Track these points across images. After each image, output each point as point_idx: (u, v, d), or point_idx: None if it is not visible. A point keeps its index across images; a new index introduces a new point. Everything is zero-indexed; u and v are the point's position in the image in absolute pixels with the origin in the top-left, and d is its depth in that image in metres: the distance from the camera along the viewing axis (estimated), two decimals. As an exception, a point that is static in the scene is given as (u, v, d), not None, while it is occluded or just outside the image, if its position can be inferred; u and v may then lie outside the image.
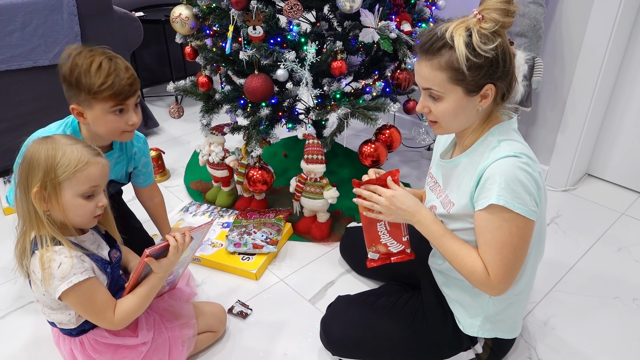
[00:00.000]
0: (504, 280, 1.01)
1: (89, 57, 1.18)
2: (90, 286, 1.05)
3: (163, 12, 2.96)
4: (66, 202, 1.04)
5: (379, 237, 1.22)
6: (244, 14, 1.51)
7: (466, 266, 1.05)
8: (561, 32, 1.93)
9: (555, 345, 1.38)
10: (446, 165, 1.16)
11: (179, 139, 2.65)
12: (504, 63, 0.98)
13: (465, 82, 0.98)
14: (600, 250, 1.77)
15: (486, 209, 0.99)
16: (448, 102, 1.02)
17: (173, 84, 1.92)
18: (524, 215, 0.97)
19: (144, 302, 1.13)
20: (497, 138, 1.04)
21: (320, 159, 1.69)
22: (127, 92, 1.22)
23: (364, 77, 1.88)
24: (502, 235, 0.99)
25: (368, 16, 1.53)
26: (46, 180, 1.01)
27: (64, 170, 1.01)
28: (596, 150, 2.18)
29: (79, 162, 1.03)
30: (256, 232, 1.73)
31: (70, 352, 1.17)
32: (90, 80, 1.17)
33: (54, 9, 2.04)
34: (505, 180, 0.96)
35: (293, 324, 1.45)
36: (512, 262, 1.00)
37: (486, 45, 0.95)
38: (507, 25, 0.96)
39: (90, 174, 1.04)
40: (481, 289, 1.05)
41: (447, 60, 0.97)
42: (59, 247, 1.04)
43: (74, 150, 1.03)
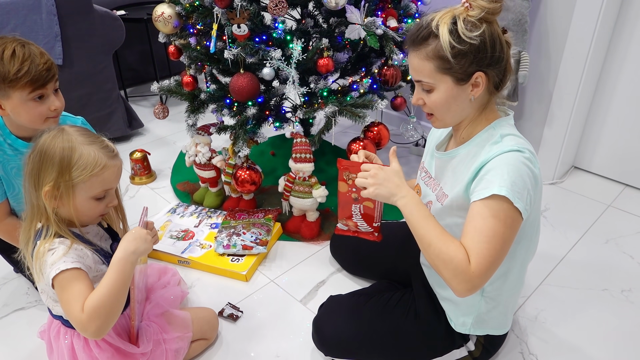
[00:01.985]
0: (484, 271, 0.93)
1: (0, 44, 1.16)
2: (74, 275, 0.99)
3: (145, 10, 2.91)
4: (77, 204, 1.03)
5: (352, 215, 1.25)
6: (227, 12, 1.49)
7: (447, 251, 0.95)
8: (546, 26, 1.93)
9: (546, 339, 1.39)
10: (442, 157, 1.15)
11: (164, 140, 2.61)
12: (492, 49, 0.97)
13: (453, 71, 0.98)
14: (588, 242, 1.79)
15: (486, 198, 0.95)
16: (439, 93, 1.02)
17: (157, 84, 1.89)
18: (520, 211, 0.95)
19: (113, 292, 0.97)
20: (499, 132, 1.03)
21: (309, 157, 1.67)
22: (45, 77, 1.19)
23: (351, 74, 1.86)
24: (496, 225, 0.94)
25: (354, 12, 1.51)
26: (60, 181, 1.00)
27: (79, 173, 0.99)
28: (582, 142, 2.20)
29: (96, 165, 1.00)
30: (245, 233, 1.71)
31: (70, 346, 1.13)
32: (4, 69, 1.15)
33: (32, 9, 1.99)
34: (509, 172, 0.95)
35: (285, 325, 1.44)
36: (498, 255, 0.94)
37: (471, 32, 0.95)
38: (495, 12, 0.96)
39: (105, 179, 1.03)
40: (454, 280, 0.94)
41: (433, 49, 0.98)
42: (62, 239, 1.02)
43: (91, 152, 1.01)
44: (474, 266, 0.93)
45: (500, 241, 0.94)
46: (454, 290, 0.96)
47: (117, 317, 1.01)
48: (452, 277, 0.95)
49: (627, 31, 1.88)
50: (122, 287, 0.99)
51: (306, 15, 1.72)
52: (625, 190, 2.10)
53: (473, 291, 0.95)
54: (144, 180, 2.20)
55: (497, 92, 1.05)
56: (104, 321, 0.97)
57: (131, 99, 3.10)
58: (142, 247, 1.03)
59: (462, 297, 0.96)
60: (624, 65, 1.94)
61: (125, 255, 1.00)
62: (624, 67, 1.94)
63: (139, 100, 3.11)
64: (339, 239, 1.64)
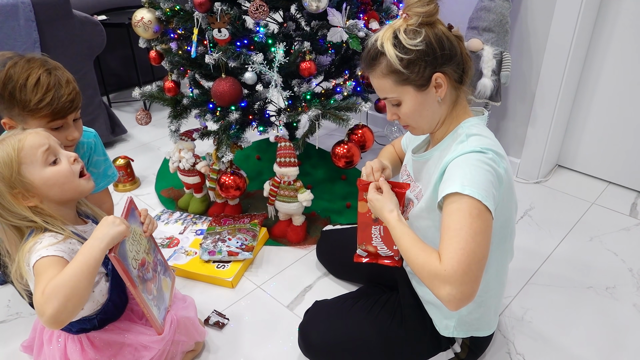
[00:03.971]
0: (459, 269, 0.87)
1: (25, 69, 1.10)
2: (52, 262, 0.94)
3: (126, 14, 2.88)
4: (41, 181, 0.99)
5: (372, 239, 1.24)
6: (208, 16, 1.47)
7: (418, 260, 0.94)
8: (527, 26, 1.95)
9: (533, 338, 1.40)
10: (418, 159, 1.17)
11: (148, 145, 2.59)
12: (441, 49, 0.99)
13: (411, 80, 1.01)
14: (573, 240, 1.80)
15: (446, 198, 0.94)
16: (407, 103, 1.05)
17: (139, 90, 1.86)
18: (483, 203, 0.91)
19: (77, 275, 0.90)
20: (465, 132, 1.03)
21: (293, 161, 1.66)
22: (67, 109, 1.14)
23: (335, 76, 1.86)
24: (461, 217, 0.90)
25: (335, 15, 1.51)
26: (7, 181, 0.97)
27: (10, 162, 0.97)
28: (565, 141, 2.21)
29: (14, 144, 0.98)
30: (231, 239, 1.70)
31: (62, 349, 1.10)
32: (25, 97, 1.09)
33: (9, 15, 1.95)
34: (469, 171, 0.94)
35: (272, 332, 1.43)
36: (471, 248, 0.88)
37: (414, 40, 0.98)
38: (431, 13, 0.98)
39: (31, 144, 0.99)
40: (433, 287, 0.91)
41: (385, 66, 1.02)
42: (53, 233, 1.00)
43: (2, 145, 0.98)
44: (445, 264, 0.88)
45: (470, 233, 0.89)
46: (444, 303, 0.90)
47: (78, 306, 0.92)
48: (431, 285, 0.92)
49: (606, 29, 1.90)
50: (85, 272, 0.91)
51: (288, 19, 1.71)
52: (608, 187, 2.12)
53: (461, 297, 0.88)
54: (127, 187, 2.17)
55: (463, 86, 1.06)
56: (61, 304, 0.88)
57: (114, 105, 3.06)
58: (110, 232, 0.96)
59: (452, 309, 0.90)
60: (604, 63, 1.96)
61: (91, 239, 0.96)
62: (605, 65, 1.96)
63: (123, 106, 3.08)
64: (325, 242, 1.63)
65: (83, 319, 1.08)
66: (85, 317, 1.08)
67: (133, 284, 1.01)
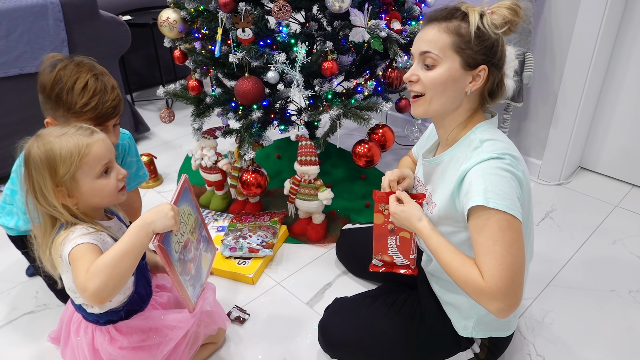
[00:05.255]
0: (502, 284, 0.90)
1: (74, 73, 1.13)
2: (89, 248, 0.98)
3: (151, 15, 2.93)
4: (88, 189, 1.03)
5: (387, 248, 1.24)
6: (232, 16, 1.50)
7: (460, 276, 0.96)
8: (550, 27, 1.93)
9: (554, 340, 1.39)
10: (428, 163, 1.16)
11: (170, 143, 2.63)
12: (501, 54, 1.03)
13: (466, 53, 1.00)
14: (595, 243, 1.78)
15: (472, 212, 0.95)
16: (441, 70, 1.01)
17: (163, 89, 1.90)
18: (510, 213, 0.92)
19: (121, 255, 0.94)
20: (479, 137, 1.03)
21: (314, 160, 1.68)
22: (110, 115, 1.18)
23: (355, 76, 1.87)
24: (491, 231, 0.92)
25: (358, 15, 1.52)
26: (57, 180, 1.00)
27: (69, 163, 0.99)
28: (588, 143, 2.19)
29: (80, 147, 1.00)
30: (252, 236, 1.72)
31: (90, 342, 1.13)
32: (72, 99, 1.12)
33: (39, 15, 2.01)
34: (490, 182, 0.94)
35: (291, 328, 1.44)
36: (509, 261, 0.91)
37: (494, 28, 0.99)
38: (513, 24, 1.00)
39: (96, 154, 1.02)
40: (481, 302, 0.94)
41: (456, 25, 1.00)
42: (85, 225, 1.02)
43: (69, 140, 1.00)
44: (488, 281, 0.91)
45: (503, 247, 0.92)
46: (492, 313, 0.94)
47: (119, 285, 0.96)
48: (478, 300, 0.95)
49: (632, 30, 1.87)
50: (130, 252, 0.95)
51: (310, 19, 1.72)
52: (632, 190, 2.09)
53: (509, 308, 0.92)
54: (150, 184, 2.21)
55: (489, 101, 1.07)
56: (105, 281, 0.92)
57: (137, 103, 3.12)
58: (160, 221, 0.98)
59: (502, 317, 0.93)
60: (629, 64, 1.93)
61: (141, 222, 0.98)
62: (630, 66, 1.93)
63: (145, 105, 3.13)
64: (344, 241, 1.64)
65: (110, 311, 1.11)
66: (112, 310, 1.11)
67: (172, 270, 1.03)
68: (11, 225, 1.40)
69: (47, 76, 1.14)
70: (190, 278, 1.13)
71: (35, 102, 2.07)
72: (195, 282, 1.16)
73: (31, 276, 1.65)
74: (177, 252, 1.07)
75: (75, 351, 1.16)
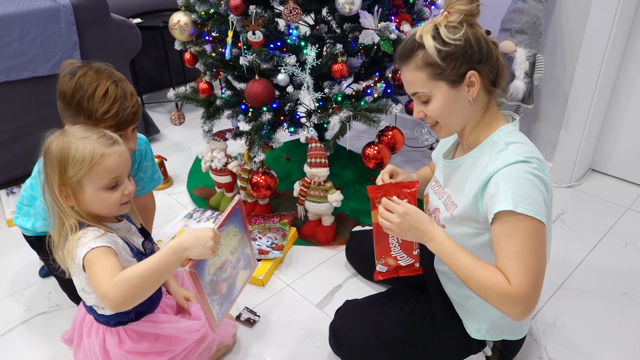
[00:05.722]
0: (529, 289, 0.92)
1: (95, 80, 1.14)
2: (105, 252, 0.99)
3: (161, 18, 2.95)
4: (89, 197, 1.02)
5: (390, 249, 1.21)
6: (242, 19, 1.50)
7: (483, 282, 0.96)
8: (561, 28, 1.92)
9: (565, 344, 1.38)
10: (449, 165, 1.16)
11: (180, 145, 2.65)
12: (478, 47, 0.99)
13: (445, 75, 1.00)
14: (607, 246, 1.76)
15: (500, 217, 0.95)
16: (437, 100, 1.03)
17: (173, 91, 1.91)
18: (538, 219, 0.94)
19: (148, 274, 0.95)
20: (504, 140, 1.02)
21: (324, 162, 1.68)
22: (130, 121, 1.19)
23: (365, 78, 1.87)
24: (520, 238, 0.93)
25: (367, 18, 1.52)
26: (64, 179, 1.00)
27: (79, 168, 0.99)
28: (599, 145, 2.17)
29: (93, 156, 1.00)
30: (261, 238, 1.73)
31: (102, 343, 1.14)
32: (92, 106, 1.13)
33: (51, 19, 2.03)
34: (519, 186, 0.94)
35: (301, 330, 1.44)
36: (536, 267, 0.93)
37: (454, 34, 0.98)
38: (473, 13, 0.99)
39: (108, 166, 1.02)
40: (504, 307, 0.95)
41: (421, 58, 1.01)
42: (94, 228, 1.03)
43: (87, 144, 1.00)
44: (516, 287, 0.92)
45: (532, 252, 0.94)
46: (510, 317, 0.95)
47: (142, 299, 0.97)
48: (501, 305, 0.95)
49: (644, 32, 1.86)
50: (158, 272, 0.96)
51: (320, 21, 1.73)
52: (644, 192, 2.07)
53: (529, 311, 0.94)
54: (160, 185, 2.22)
55: (496, 90, 1.05)
56: (128, 295, 0.93)
57: (147, 106, 3.14)
58: (196, 249, 0.96)
59: (520, 320, 0.95)
60: (641, 66, 1.91)
61: (177, 245, 0.97)
62: (642, 68, 1.92)
63: (155, 107, 3.15)
64: (354, 243, 1.64)
65: (120, 313, 1.12)
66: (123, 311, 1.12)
67: (201, 295, 1.02)
68: (28, 226, 1.42)
69: (67, 84, 1.15)
70: (219, 297, 1.11)
71: (47, 104, 2.11)
72: (225, 300, 1.14)
73: (44, 277, 1.67)
74: (211, 274, 1.06)
75: (88, 352, 1.18)
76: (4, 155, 2.08)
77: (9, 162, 2.10)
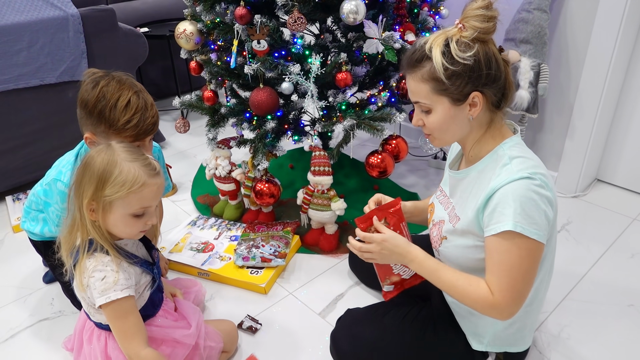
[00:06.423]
0: (511, 302, 0.97)
1: (117, 90, 1.16)
2: (127, 305, 1.05)
3: (167, 27, 2.98)
4: (115, 219, 1.03)
5: (391, 268, 1.24)
6: (248, 28, 1.52)
7: (468, 295, 1.01)
8: (566, 38, 1.92)
9: (570, 356, 1.36)
10: (454, 176, 1.16)
11: (185, 153, 2.66)
12: (487, 68, 0.97)
13: (449, 92, 0.99)
14: (612, 257, 1.75)
15: (499, 234, 0.96)
16: (437, 114, 1.03)
17: (179, 99, 1.93)
18: (536, 240, 0.95)
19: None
20: (508, 154, 1.01)
21: (327, 170, 1.68)
22: (149, 131, 1.20)
23: (369, 87, 1.88)
24: (511, 258, 0.96)
25: (372, 27, 1.53)
26: (98, 195, 1.01)
27: (117, 190, 1.00)
28: (605, 155, 2.16)
29: (135, 183, 1.01)
30: (264, 246, 1.73)
31: (103, 348, 1.15)
32: (114, 116, 1.14)
33: (60, 28, 2.06)
34: (520, 205, 0.94)
35: (303, 338, 1.44)
36: (521, 285, 0.97)
37: (464, 53, 0.96)
38: (489, 31, 0.97)
39: (144, 196, 1.03)
40: (489, 314, 1.01)
41: (427, 71, 0.99)
42: (108, 258, 1.04)
43: (131, 169, 1.01)
44: (498, 299, 0.98)
45: (520, 272, 0.96)
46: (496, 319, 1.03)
47: None
48: (486, 312, 1.01)
49: (649, 42, 1.85)
50: None
51: (325, 31, 1.74)
52: (650, 203, 2.05)
53: (512, 316, 1.00)
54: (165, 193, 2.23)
55: (500, 111, 1.04)
56: None
57: (153, 113, 3.16)
58: None
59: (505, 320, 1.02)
60: (647, 76, 1.91)
61: None
62: (647, 78, 1.91)
63: (161, 115, 3.15)
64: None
65: None
66: None
67: None
68: (36, 231, 1.43)
69: (90, 93, 1.16)
70: None
71: (54, 112, 2.13)
72: None
73: (48, 283, 1.68)
74: None
75: (88, 359, 1.18)
76: (11, 162, 2.10)
77: (15, 169, 2.12)
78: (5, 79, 1.97)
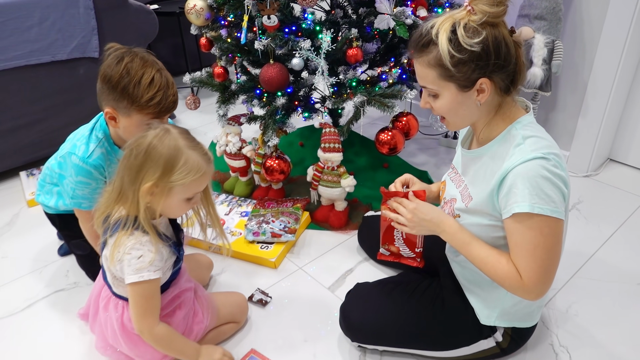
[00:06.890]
0: (539, 283, 0.98)
1: (141, 66, 1.17)
2: (155, 286, 1.10)
3: (177, 4, 2.97)
4: (170, 202, 1.07)
5: (394, 240, 1.28)
6: (258, 3, 1.50)
7: (497, 272, 1.02)
8: (581, 14, 1.88)
9: (577, 332, 1.37)
10: (466, 154, 1.16)
11: (195, 130, 2.67)
12: (496, 55, 0.95)
13: (456, 78, 0.98)
14: (623, 236, 1.74)
15: (516, 215, 0.96)
16: (444, 99, 1.03)
17: (189, 76, 1.93)
18: (555, 217, 0.95)
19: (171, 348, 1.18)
20: (521, 133, 1.00)
21: (337, 147, 1.69)
22: (170, 109, 1.22)
23: (380, 64, 1.86)
24: (534, 237, 0.96)
25: (383, 2, 1.51)
26: (164, 179, 1.03)
27: (182, 177, 1.03)
28: (618, 134, 2.13)
29: (197, 171, 1.04)
30: (274, 221, 1.74)
31: (120, 317, 1.18)
32: (137, 93, 1.16)
33: (70, 4, 2.05)
34: (536, 185, 0.94)
35: (312, 311, 1.46)
36: (547, 264, 0.98)
37: (471, 39, 0.93)
38: (498, 15, 0.93)
39: (201, 183, 1.08)
40: (517, 293, 1.02)
41: (434, 56, 0.98)
42: (146, 238, 1.07)
43: (195, 157, 1.04)
44: (526, 280, 0.98)
45: (544, 250, 0.97)
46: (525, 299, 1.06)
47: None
48: (514, 292, 1.02)
49: (668, 18, 1.81)
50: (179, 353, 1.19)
51: (335, 6, 1.72)
52: (663, 183, 2.03)
53: (541, 295, 1.01)
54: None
55: (509, 95, 1.03)
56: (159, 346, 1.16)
57: (163, 91, 3.16)
58: None
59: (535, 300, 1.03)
60: (664, 53, 1.87)
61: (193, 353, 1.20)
62: (664, 56, 1.87)
63: (171, 93, 3.17)
64: (366, 228, 1.65)
65: None
66: None
67: None
68: (51, 204, 1.46)
69: (114, 68, 1.17)
70: None
71: (65, 88, 2.14)
72: None
73: (63, 255, 1.71)
74: None
75: (103, 325, 1.21)
76: (24, 138, 2.13)
77: (29, 145, 2.15)
78: (17, 55, 1.98)
